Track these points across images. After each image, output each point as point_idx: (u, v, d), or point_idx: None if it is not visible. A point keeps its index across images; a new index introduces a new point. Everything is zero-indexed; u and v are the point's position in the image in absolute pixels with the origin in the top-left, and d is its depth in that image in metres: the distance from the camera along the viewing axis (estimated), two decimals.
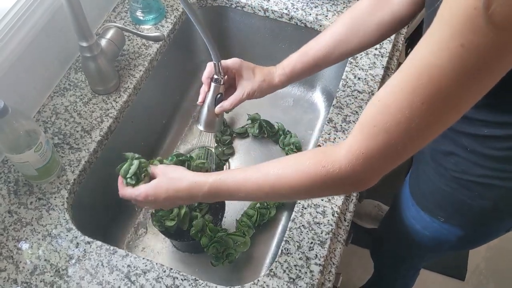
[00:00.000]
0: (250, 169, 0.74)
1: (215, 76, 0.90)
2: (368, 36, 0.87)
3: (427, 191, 0.92)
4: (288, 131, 1.21)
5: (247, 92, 0.91)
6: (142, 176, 0.84)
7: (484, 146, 0.77)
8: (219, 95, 0.91)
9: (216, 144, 1.21)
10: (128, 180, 0.83)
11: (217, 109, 0.92)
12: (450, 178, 0.85)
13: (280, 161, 0.71)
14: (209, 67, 0.92)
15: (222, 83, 0.90)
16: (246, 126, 1.24)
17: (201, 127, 0.94)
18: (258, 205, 1.05)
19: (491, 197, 0.84)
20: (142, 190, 0.81)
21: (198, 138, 1.03)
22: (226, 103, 0.91)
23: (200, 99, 0.93)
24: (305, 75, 0.94)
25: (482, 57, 0.48)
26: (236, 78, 0.92)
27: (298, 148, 1.14)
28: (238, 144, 1.25)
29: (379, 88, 1.06)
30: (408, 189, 0.99)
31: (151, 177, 0.84)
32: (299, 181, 0.67)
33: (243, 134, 1.25)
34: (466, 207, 0.87)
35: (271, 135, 1.22)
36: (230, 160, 1.22)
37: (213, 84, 0.91)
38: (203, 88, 0.93)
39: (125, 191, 0.84)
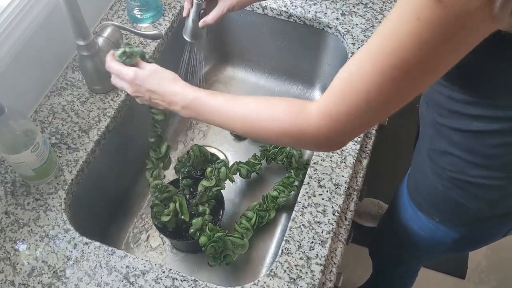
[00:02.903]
0: (235, 98, 0.75)
1: None
2: None
3: (424, 190, 0.92)
4: None
5: (227, 7, 0.94)
6: (128, 59, 0.83)
7: (476, 142, 0.76)
8: (202, 11, 0.96)
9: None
10: (118, 57, 0.83)
11: (201, 23, 0.96)
12: (446, 178, 0.84)
13: (259, 101, 0.72)
14: None
15: (203, 0, 0.94)
16: None
17: (188, 38, 1.00)
18: (257, 207, 1.04)
19: (486, 198, 0.83)
20: (133, 70, 0.81)
21: (186, 49, 1.07)
22: (208, 18, 0.95)
23: (184, 13, 0.97)
24: None
25: (435, 32, 0.51)
26: None
27: (299, 150, 1.13)
28: (235, 146, 1.24)
29: None
30: (406, 189, 0.99)
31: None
32: (270, 125, 0.69)
33: (240, 136, 1.24)
34: (461, 208, 0.86)
35: None
36: (226, 162, 1.21)
37: (195, 2, 0.94)
38: (186, 5, 0.96)
39: (114, 64, 0.83)
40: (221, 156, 1.22)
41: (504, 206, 0.85)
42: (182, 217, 0.99)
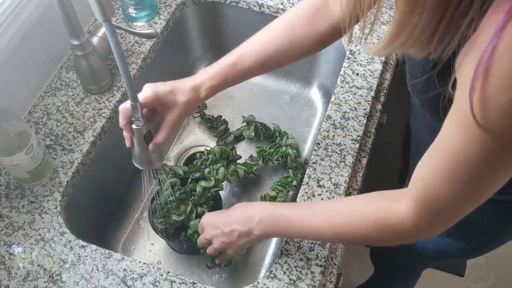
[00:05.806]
0: (305, 210, 0.77)
1: (134, 119, 0.77)
2: (306, 49, 0.85)
3: None
4: (284, 132, 1.19)
5: (176, 118, 0.81)
6: None
7: None
8: (147, 134, 0.79)
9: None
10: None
11: (151, 146, 0.80)
12: None
13: (343, 210, 0.73)
14: (123, 110, 0.77)
15: (144, 123, 0.77)
16: (242, 128, 1.22)
17: (141, 167, 0.85)
18: None
19: (492, 210, 0.81)
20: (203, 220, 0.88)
21: (143, 173, 0.91)
22: (158, 138, 0.80)
23: (127, 143, 0.81)
24: (237, 83, 0.87)
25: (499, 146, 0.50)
26: (158, 108, 0.81)
27: (295, 149, 1.12)
28: (234, 146, 1.23)
29: (377, 85, 1.04)
30: None
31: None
32: (365, 233, 0.70)
33: (238, 137, 1.22)
34: (468, 221, 0.85)
35: (267, 137, 1.20)
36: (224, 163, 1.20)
37: (134, 127, 0.77)
38: (126, 134, 0.80)
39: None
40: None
41: (508, 216, 0.84)
42: (189, 224, 0.97)
